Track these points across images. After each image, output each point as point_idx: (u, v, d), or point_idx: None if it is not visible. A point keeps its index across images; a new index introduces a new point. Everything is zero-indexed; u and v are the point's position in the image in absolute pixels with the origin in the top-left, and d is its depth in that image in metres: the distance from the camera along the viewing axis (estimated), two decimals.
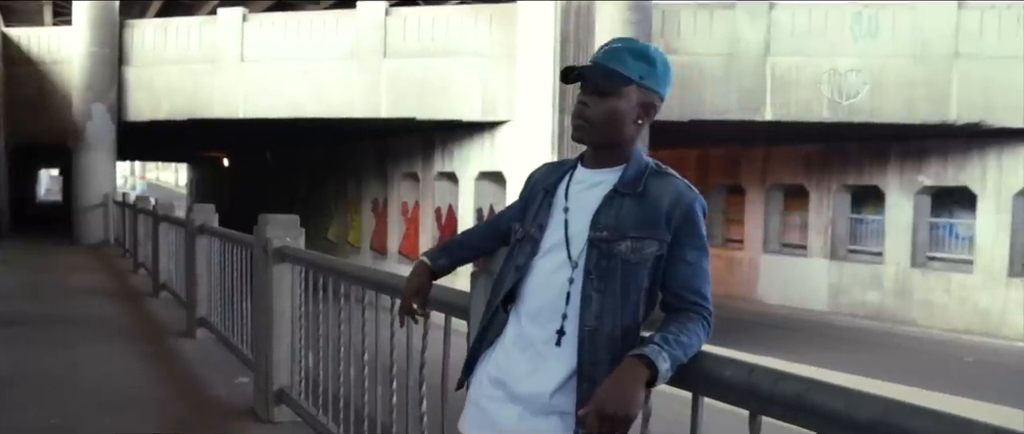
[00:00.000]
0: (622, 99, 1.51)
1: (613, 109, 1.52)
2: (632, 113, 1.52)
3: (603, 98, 1.52)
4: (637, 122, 1.53)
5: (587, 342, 1.47)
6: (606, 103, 1.52)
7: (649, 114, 1.53)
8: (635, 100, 1.52)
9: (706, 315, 1.47)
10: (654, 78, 1.52)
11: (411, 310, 1.83)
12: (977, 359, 11.35)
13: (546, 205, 1.59)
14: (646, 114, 1.52)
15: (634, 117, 1.52)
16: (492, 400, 1.57)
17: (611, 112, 1.52)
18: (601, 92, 1.52)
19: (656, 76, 1.52)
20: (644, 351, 1.35)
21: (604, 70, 1.51)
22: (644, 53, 1.53)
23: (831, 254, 15.31)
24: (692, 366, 1.40)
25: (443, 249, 1.88)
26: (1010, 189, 12.91)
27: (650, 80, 1.51)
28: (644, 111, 1.52)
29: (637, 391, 1.34)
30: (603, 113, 1.52)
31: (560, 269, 1.52)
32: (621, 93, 1.51)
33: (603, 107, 1.52)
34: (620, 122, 1.52)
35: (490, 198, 13.63)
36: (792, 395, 1.21)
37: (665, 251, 1.49)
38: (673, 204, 1.48)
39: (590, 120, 1.54)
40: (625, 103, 1.51)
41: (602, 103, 1.52)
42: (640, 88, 1.51)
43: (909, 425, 1.07)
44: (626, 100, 1.51)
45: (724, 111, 12.50)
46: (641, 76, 1.50)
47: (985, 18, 12.15)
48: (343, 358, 3.18)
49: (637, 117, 1.52)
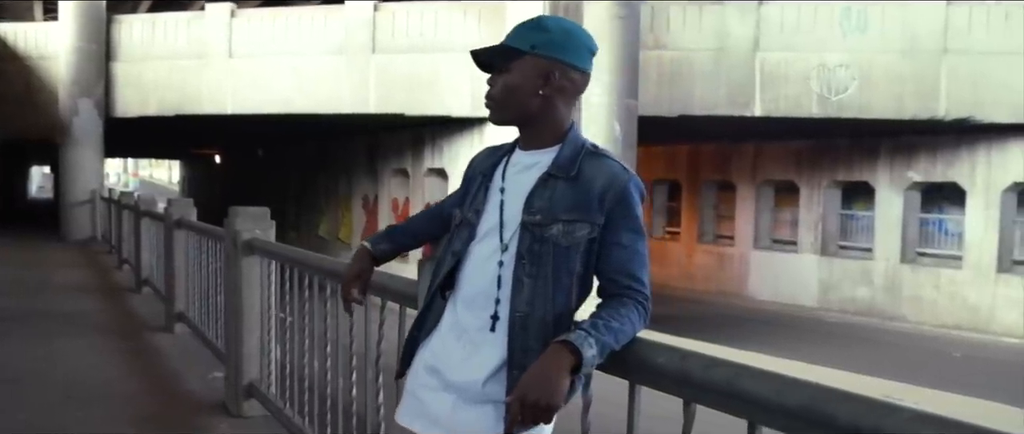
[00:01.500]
0: (514, 73, 1.48)
1: (506, 84, 1.49)
2: (530, 85, 1.48)
3: (500, 75, 1.51)
4: (540, 94, 1.48)
5: (518, 328, 1.43)
6: (501, 79, 1.50)
7: (553, 83, 1.47)
8: (531, 71, 1.47)
9: (642, 300, 1.42)
10: (552, 46, 1.47)
11: (351, 297, 1.79)
12: (965, 355, 11.35)
13: (483, 189, 1.56)
14: (548, 84, 1.47)
15: (534, 89, 1.48)
16: (427, 389, 1.53)
17: (505, 87, 1.49)
18: (498, 70, 1.51)
19: (554, 44, 1.47)
20: (569, 337, 1.31)
21: (496, 48, 1.50)
22: (538, 23, 1.50)
23: (821, 250, 15.30)
24: (627, 353, 1.36)
25: (385, 234, 1.85)
26: (999, 185, 12.91)
27: (546, 49, 1.47)
28: (546, 81, 1.47)
29: (561, 378, 1.29)
30: (500, 89, 1.50)
31: (494, 254, 1.49)
32: (512, 67, 1.48)
33: (499, 83, 1.50)
34: (517, 95, 1.49)
35: None
36: (723, 381, 1.18)
37: (598, 234, 1.45)
38: (606, 186, 1.44)
39: (492, 98, 1.52)
40: (518, 76, 1.48)
41: (498, 80, 1.51)
42: (536, 58, 1.47)
43: (836, 411, 1.03)
44: (519, 72, 1.48)
45: (713, 106, 12.46)
46: (534, 46, 1.47)
47: (974, 14, 12.14)
48: (308, 350, 3.14)
49: (539, 89, 1.48)
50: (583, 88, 1.53)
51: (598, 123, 10.70)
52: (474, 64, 1.55)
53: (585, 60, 1.50)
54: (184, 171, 43.20)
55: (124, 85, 14.66)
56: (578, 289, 1.46)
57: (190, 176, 40.13)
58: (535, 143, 1.52)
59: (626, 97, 10.86)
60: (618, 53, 10.95)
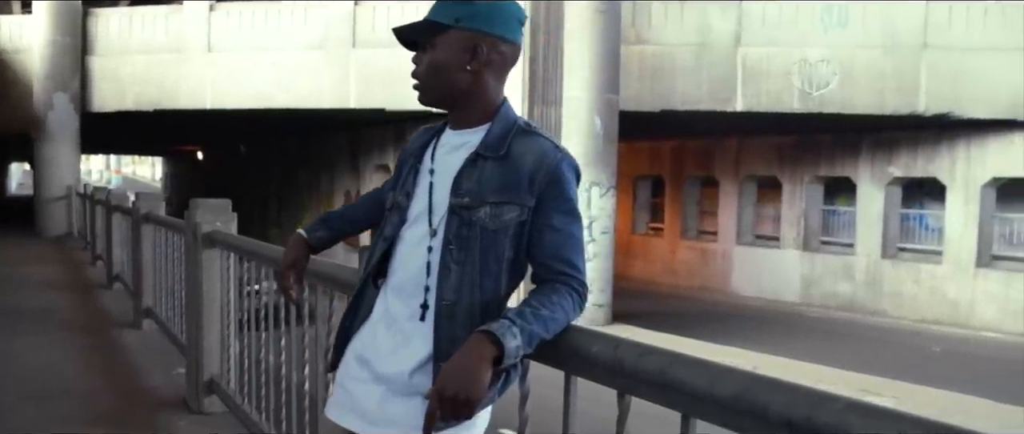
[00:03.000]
0: (439, 49, 1.40)
1: (432, 62, 1.41)
2: (456, 60, 1.40)
3: (425, 53, 1.43)
4: (468, 69, 1.40)
5: (444, 317, 1.36)
6: (426, 57, 1.42)
7: (481, 57, 1.40)
8: (457, 46, 1.40)
9: (576, 286, 1.35)
10: (477, 18, 1.39)
11: (287, 285, 1.72)
12: (945, 349, 11.39)
13: (413, 172, 1.48)
14: (475, 58, 1.40)
15: (461, 64, 1.40)
16: (357, 381, 1.46)
17: (431, 65, 1.42)
18: (423, 47, 1.43)
19: (479, 15, 1.39)
20: (491, 327, 1.23)
21: (418, 24, 1.42)
22: None
23: (804, 246, 15.33)
24: (562, 343, 1.29)
25: (322, 221, 1.77)
26: (978, 180, 12.97)
27: (471, 21, 1.39)
28: (473, 55, 1.39)
29: (481, 371, 1.22)
30: (425, 67, 1.43)
31: (424, 239, 1.42)
32: (437, 43, 1.41)
33: (424, 61, 1.43)
34: (443, 72, 1.41)
35: None
36: (655, 371, 1.11)
37: (528, 217, 1.37)
38: (536, 165, 1.36)
39: (417, 77, 1.44)
40: (443, 52, 1.40)
41: (423, 58, 1.43)
42: (461, 32, 1.39)
43: (768, 400, 0.97)
44: (444, 48, 1.40)
45: (695, 101, 12.44)
46: (458, 19, 1.39)
47: (953, 10, 12.17)
48: (264, 345, 3.06)
49: (466, 64, 1.40)
50: (513, 61, 1.45)
51: (578, 118, 10.66)
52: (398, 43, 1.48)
53: (514, 31, 1.43)
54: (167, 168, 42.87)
55: (101, 79, 14.47)
56: (508, 275, 1.39)
57: (173, 173, 39.83)
58: (465, 122, 1.45)
59: (607, 92, 10.82)
60: (599, 48, 10.91)
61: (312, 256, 1.78)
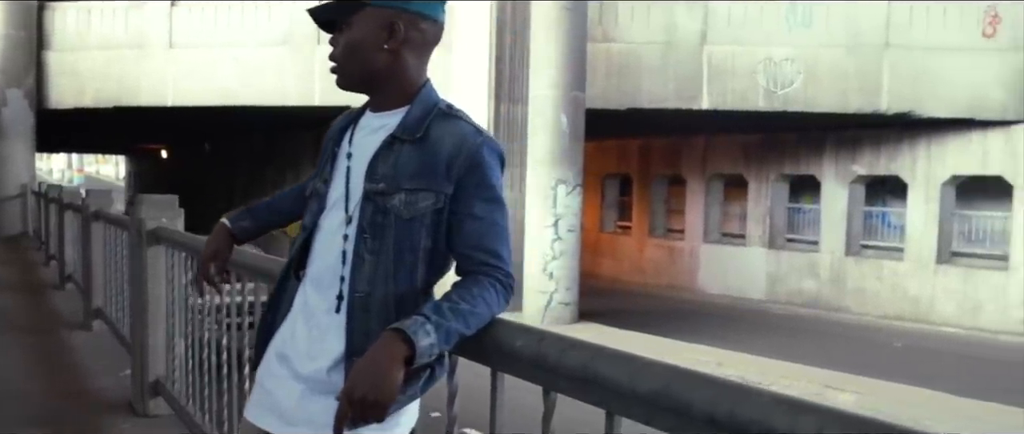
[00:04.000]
0: (355, 28, 1.35)
1: (348, 41, 1.36)
2: (373, 39, 1.34)
3: (341, 33, 1.37)
4: (385, 48, 1.34)
5: (358, 311, 1.29)
6: (342, 37, 1.37)
7: (398, 35, 1.34)
8: (373, 24, 1.34)
9: (500, 277, 1.28)
10: None
11: (208, 277, 1.63)
12: (906, 344, 11.54)
13: (331, 156, 1.41)
14: (392, 36, 1.33)
15: (378, 43, 1.34)
16: (276, 378, 1.39)
17: (347, 45, 1.36)
18: (339, 28, 1.38)
19: None
20: (402, 324, 1.17)
21: (333, 3, 1.37)
22: None
23: (769, 243, 15.45)
24: (485, 337, 1.23)
25: (247, 210, 1.69)
26: (938, 178, 13.16)
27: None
28: (390, 33, 1.33)
29: (391, 370, 1.15)
30: (342, 48, 1.37)
31: (340, 227, 1.35)
32: (353, 21, 1.35)
33: (341, 42, 1.37)
34: (360, 52, 1.35)
35: None
36: (578, 365, 1.06)
37: (445, 205, 1.31)
38: (455, 150, 1.30)
39: (336, 60, 1.38)
40: (359, 30, 1.34)
41: (340, 38, 1.37)
42: (377, 9, 1.33)
43: (692, 396, 0.92)
44: (360, 27, 1.34)
45: (662, 100, 12.47)
46: None
47: (914, 10, 12.34)
48: (207, 344, 2.96)
49: (383, 42, 1.34)
50: (436, 40, 1.39)
51: (545, 116, 10.62)
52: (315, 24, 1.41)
53: (434, 8, 1.36)
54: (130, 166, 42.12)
55: (58, 75, 14.13)
56: (426, 267, 1.32)
57: (137, 172, 39.14)
58: (385, 104, 1.38)
59: (573, 90, 10.78)
60: (565, 46, 10.86)
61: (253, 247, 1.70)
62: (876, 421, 0.78)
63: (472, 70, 11.87)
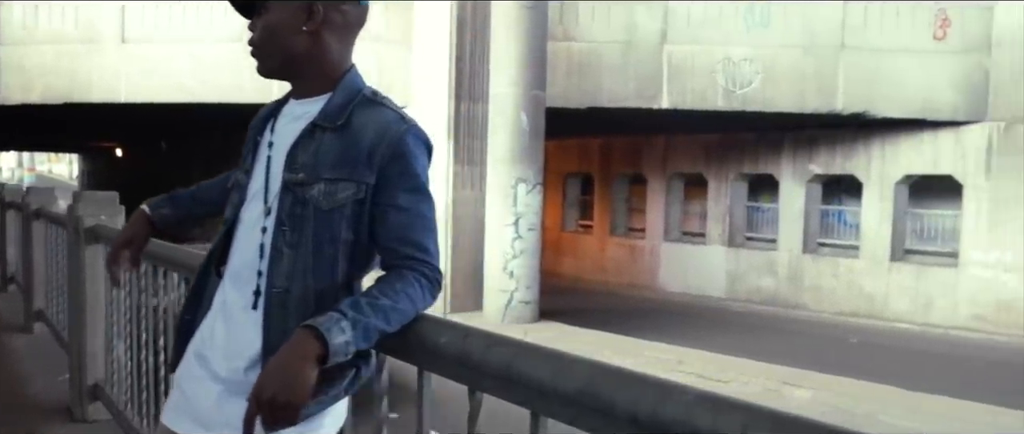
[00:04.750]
0: (272, 10, 1.30)
1: (266, 25, 1.31)
2: (292, 21, 1.29)
3: (259, 17, 1.32)
4: (304, 30, 1.28)
5: (275, 308, 1.23)
6: (261, 21, 1.31)
7: (318, 17, 1.28)
8: (291, 5, 1.29)
9: (426, 271, 1.23)
10: None
11: (117, 263, 1.55)
12: (861, 340, 11.74)
13: (253, 146, 1.35)
14: (311, 18, 1.28)
15: (297, 25, 1.29)
16: (194, 380, 1.32)
17: (266, 28, 1.31)
18: (257, 12, 1.32)
19: None
20: (315, 321, 1.11)
21: None
22: None
23: (729, 242, 15.60)
24: (410, 334, 1.17)
25: (169, 197, 1.61)
26: (892, 177, 13.42)
27: None
28: (309, 15, 1.28)
29: (303, 371, 1.09)
30: (260, 32, 1.32)
31: (259, 220, 1.29)
32: (270, 5, 1.30)
33: (260, 26, 1.32)
34: (278, 36, 1.30)
35: None
36: (502, 363, 1.01)
37: (367, 195, 1.25)
38: (377, 137, 1.25)
39: (254, 45, 1.33)
40: (277, 13, 1.30)
41: (259, 22, 1.32)
42: None
43: (614, 395, 0.88)
44: (278, 9, 1.30)
45: (622, 99, 12.50)
46: None
47: (868, 12, 12.55)
48: (145, 346, 2.85)
49: (302, 24, 1.28)
50: (359, 22, 1.34)
51: (505, 114, 10.58)
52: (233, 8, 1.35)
53: None
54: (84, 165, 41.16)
55: (4, 70, 13.70)
56: (347, 261, 1.26)
57: (91, 170, 38.27)
58: (307, 91, 1.33)
59: (533, 88, 10.75)
60: (526, 45, 10.84)
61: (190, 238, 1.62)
62: (800, 419, 0.74)
63: (432, 68, 11.78)
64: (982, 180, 12.45)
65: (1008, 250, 12.15)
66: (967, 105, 12.57)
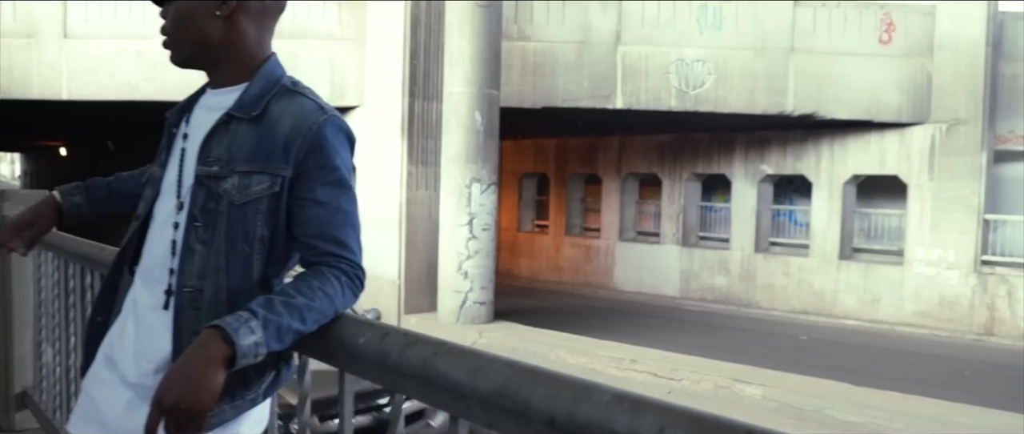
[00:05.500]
0: None
1: (178, 10, 1.25)
2: (206, 7, 1.23)
3: (171, 3, 1.26)
4: (218, 15, 1.23)
5: (187, 307, 1.16)
6: (172, 7, 1.26)
7: (232, 2, 1.23)
8: None
9: (346, 268, 1.17)
10: None
11: (7, 242, 1.46)
12: (811, 337, 11.95)
13: (168, 138, 1.28)
14: (224, 2, 1.23)
15: (210, 11, 1.23)
16: (102, 385, 1.24)
17: (177, 14, 1.25)
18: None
19: None
20: (223, 321, 1.05)
21: None
22: None
23: (683, 241, 15.76)
24: (329, 334, 1.12)
25: (82, 186, 1.53)
26: (840, 177, 13.70)
27: None
28: (223, 0, 1.22)
29: (208, 374, 1.03)
30: (172, 19, 1.26)
31: (172, 215, 1.22)
32: None
33: (171, 13, 1.26)
34: (191, 22, 1.24)
35: None
36: (419, 363, 0.96)
37: (283, 189, 1.19)
38: (294, 128, 1.19)
39: (166, 33, 1.27)
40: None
41: (170, 9, 1.26)
42: None
43: (530, 395, 0.84)
44: None
45: (577, 98, 12.54)
46: None
47: (817, 15, 12.79)
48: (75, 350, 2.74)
49: (215, 9, 1.23)
50: (278, 9, 1.28)
51: (459, 113, 10.52)
52: None
53: None
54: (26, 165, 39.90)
55: None
56: (263, 258, 1.20)
57: (33, 170, 37.11)
58: (223, 80, 1.26)
59: (488, 87, 10.72)
60: (480, 43, 10.79)
61: None
62: (717, 418, 0.71)
63: (386, 67, 11.67)
64: (925, 180, 12.78)
65: (950, 248, 12.49)
66: (911, 107, 12.90)
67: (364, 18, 12.27)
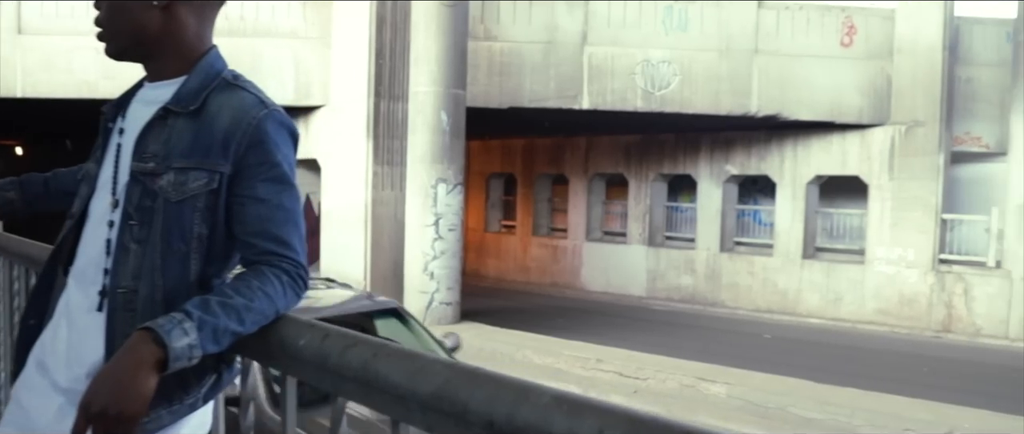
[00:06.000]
0: None
1: (112, 2, 1.21)
2: None
3: None
4: (155, 4, 1.19)
5: (121, 309, 1.12)
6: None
7: None
8: None
9: (287, 267, 1.14)
10: None
11: None
12: (775, 336, 12.09)
13: (104, 132, 1.24)
14: None
15: (146, 1, 1.19)
16: (33, 391, 1.19)
17: (111, 6, 1.21)
18: None
19: None
20: (155, 323, 1.01)
21: None
22: None
23: (649, 241, 15.86)
24: (271, 335, 1.08)
25: (17, 181, 1.48)
26: (803, 178, 13.89)
27: None
28: None
29: (137, 378, 0.99)
30: (106, 9, 1.22)
31: (107, 213, 1.18)
32: None
33: (105, 3, 1.22)
34: (127, 11, 1.20)
35: (306, 187, 12.95)
36: (359, 365, 0.94)
37: (221, 186, 1.16)
38: (234, 123, 1.15)
39: (101, 24, 1.24)
40: None
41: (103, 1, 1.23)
42: None
43: (469, 397, 0.82)
44: None
45: (543, 99, 12.55)
46: None
47: (780, 17, 12.96)
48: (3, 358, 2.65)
49: None
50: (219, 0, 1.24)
51: (425, 113, 10.48)
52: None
53: None
54: None
55: None
56: (201, 258, 1.16)
57: None
58: (161, 73, 1.22)
59: (454, 87, 10.69)
60: (446, 43, 10.76)
61: None
62: (656, 419, 0.69)
63: (351, 67, 11.56)
64: (886, 180, 13.02)
65: (909, 247, 12.73)
66: (872, 109, 13.12)
67: (329, 17, 12.14)
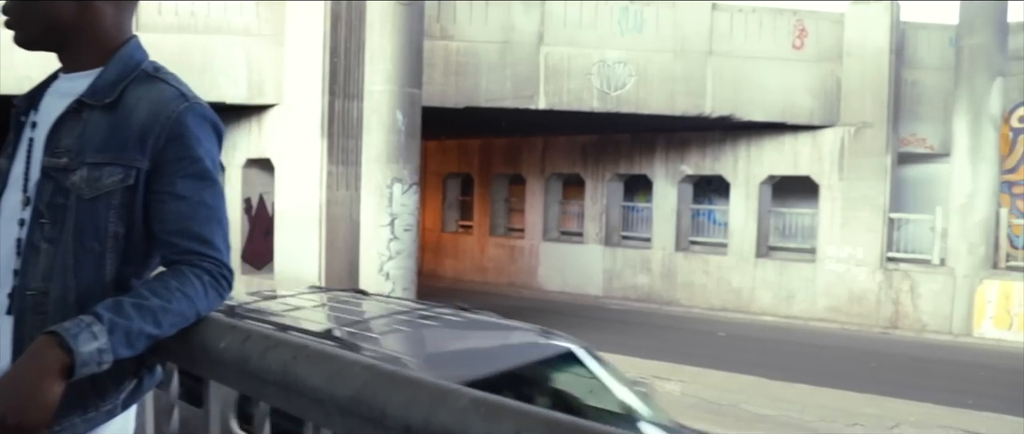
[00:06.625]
0: None
1: None
2: None
3: None
4: None
5: (30, 311, 1.07)
6: None
7: None
8: None
9: (209, 267, 1.10)
10: None
11: None
12: (729, 333, 12.26)
13: (16, 126, 1.18)
14: None
15: None
16: None
17: None
18: None
19: None
20: (61, 326, 0.97)
21: None
22: None
23: (605, 241, 15.96)
24: (193, 338, 1.04)
25: None
26: (756, 178, 14.12)
27: None
28: None
29: (41, 385, 0.94)
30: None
31: (18, 211, 1.12)
32: None
33: None
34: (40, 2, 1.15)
35: (259, 187, 12.75)
36: (279, 368, 0.91)
37: (138, 182, 1.11)
38: (152, 116, 1.11)
39: (8, 12, 1.17)
40: None
41: None
42: None
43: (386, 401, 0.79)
44: None
45: (500, 98, 12.54)
46: None
47: (734, 19, 13.15)
48: None
49: None
50: None
51: (380, 112, 10.38)
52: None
53: None
54: None
55: None
56: (117, 258, 1.12)
57: None
58: (76, 64, 1.18)
59: (409, 87, 10.61)
60: (401, 41, 10.67)
61: None
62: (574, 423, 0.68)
63: (306, 65, 11.40)
64: (836, 180, 13.29)
65: (859, 246, 13.02)
66: (822, 110, 13.39)
67: (283, 14, 11.96)
